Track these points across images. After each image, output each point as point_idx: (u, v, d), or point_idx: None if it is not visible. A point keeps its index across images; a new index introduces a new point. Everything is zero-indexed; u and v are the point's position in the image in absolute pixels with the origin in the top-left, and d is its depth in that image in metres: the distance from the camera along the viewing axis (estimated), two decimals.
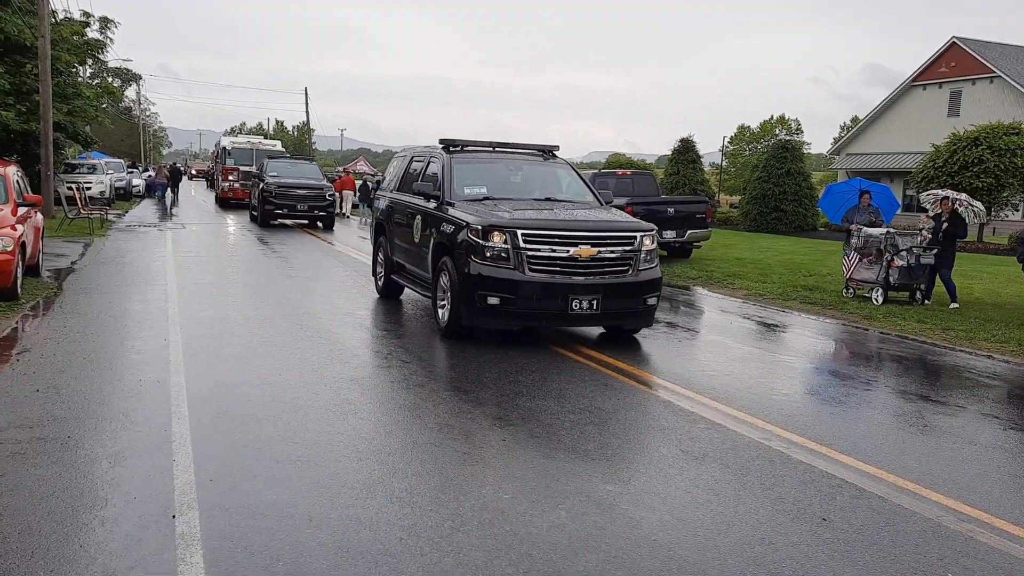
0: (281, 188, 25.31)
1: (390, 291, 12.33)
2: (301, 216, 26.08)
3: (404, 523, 4.53)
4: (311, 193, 25.87)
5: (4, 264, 10.29)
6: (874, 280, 13.85)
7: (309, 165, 29.98)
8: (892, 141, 44.88)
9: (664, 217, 18.80)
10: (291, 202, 25.46)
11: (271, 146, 37.14)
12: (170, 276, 13.69)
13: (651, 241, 9.46)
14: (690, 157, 38.63)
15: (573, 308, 8.87)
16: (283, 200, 25.29)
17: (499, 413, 6.73)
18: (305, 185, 26.05)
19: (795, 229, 33.04)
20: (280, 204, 25.31)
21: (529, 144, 11.63)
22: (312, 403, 6.75)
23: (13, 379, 7.13)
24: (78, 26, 29.15)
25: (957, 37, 41.84)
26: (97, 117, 31.22)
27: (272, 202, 25.21)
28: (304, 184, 26.10)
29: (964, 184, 25.92)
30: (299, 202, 25.57)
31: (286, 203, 25.38)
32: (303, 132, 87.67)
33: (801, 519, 4.85)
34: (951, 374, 9.30)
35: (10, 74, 22.86)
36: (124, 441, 5.68)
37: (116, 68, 46.39)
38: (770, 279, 16.63)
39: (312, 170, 28.83)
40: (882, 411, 7.55)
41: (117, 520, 4.43)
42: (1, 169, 12.43)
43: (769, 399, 7.57)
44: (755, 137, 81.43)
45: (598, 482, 5.27)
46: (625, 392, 7.58)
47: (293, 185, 25.69)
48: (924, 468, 5.87)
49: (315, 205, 25.85)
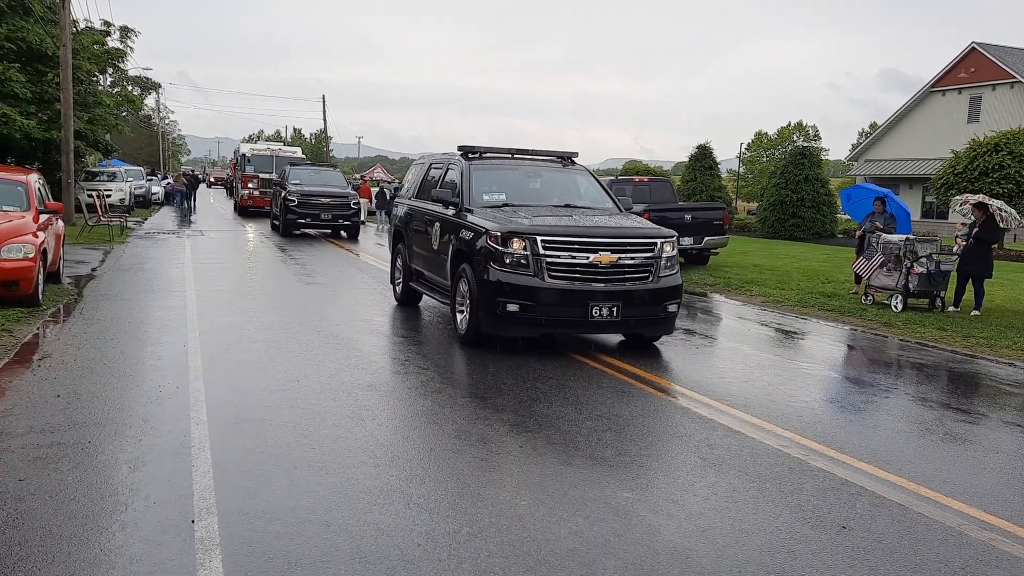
0: (304, 196, 24.64)
1: (408, 298, 12.35)
2: (325, 225, 25.35)
3: (422, 529, 4.53)
4: (335, 201, 25.17)
5: (25, 271, 10.39)
6: (893, 287, 13.76)
7: (333, 172, 29.38)
8: (911, 147, 44.63)
9: (681, 224, 18.74)
10: (315, 211, 24.72)
11: (291, 153, 36.55)
12: (189, 283, 13.78)
13: (671, 247, 9.43)
14: (707, 164, 38.56)
15: (593, 315, 8.83)
16: (306, 209, 24.57)
17: (517, 419, 6.72)
18: (329, 193, 25.40)
19: (813, 236, 32.89)
20: (303, 213, 24.57)
21: (548, 151, 11.62)
22: (330, 409, 6.77)
23: (34, 384, 7.19)
24: (99, 35, 29.49)
25: (976, 42, 41.57)
26: (117, 125, 31.53)
27: (295, 211, 24.51)
28: (328, 192, 25.47)
29: (984, 190, 25.73)
30: (323, 211, 24.86)
31: (309, 212, 24.64)
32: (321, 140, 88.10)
33: (821, 527, 4.82)
34: (972, 382, 9.21)
35: (32, 83, 23.16)
36: (144, 446, 5.71)
37: (136, 77, 46.85)
38: (788, 286, 16.55)
39: (336, 177, 28.33)
40: (902, 419, 7.49)
41: (137, 524, 4.46)
42: (23, 177, 12.56)
43: (787, 406, 7.53)
44: (772, 143, 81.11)
45: (616, 489, 5.25)
46: (643, 399, 7.56)
47: (317, 193, 25.04)
48: (945, 476, 5.81)
49: (340, 214, 25.13)
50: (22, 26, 22.64)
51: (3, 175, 12.57)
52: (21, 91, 21.99)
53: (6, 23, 22.28)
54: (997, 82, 40.43)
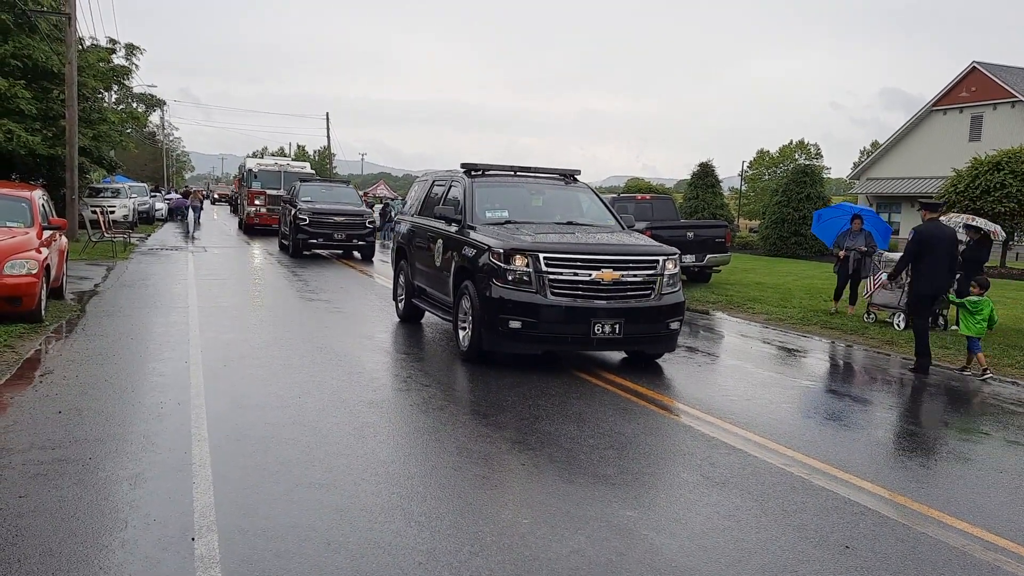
0: (316, 215, 23.22)
1: (411, 315, 12.35)
2: (338, 245, 23.78)
3: (423, 547, 4.51)
4: (350, 220, 23.71)
5: (29, 287, 10.40)
6: (895, 305, 13.74)
7: (346, 189, 27.58)
8: (913, 166, 44.67)
9: (683, 241, 18.76)
10: (327, 230, 23.24)
11: (300, 168, 35.01)
12: (191, 299, 13.79)
13: (674, 265, 9.43)
14: (709, 182, 38.60)
15: (595, 332, 8.83)
16: (318, 228, 23.14)
17: (519, 437, 6.70)
18: (342, 211, 23.90)
19: (815, 254, 32.87)
20: (314, 232, 23.12)
21: (550, 168, 11.66)
22: (331, 426, 6.76)
23: (36, 401, 7.18)
24: (104, 52, 29.63)
25: (977, 62, 41.69)
26: (122, 142, 31.63)
27: (306, 230, 23.06)
28: (342, 210, 23.95)
29: (986, 209, 25.73)
30: (336, 230, 23.35)
31: (321, 231, 23.18)
32: (324, 156, 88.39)
33: (824, 546, 4.79)
34: (975, 401, 9.18)
35: (37, 100, 23.25)
36: (144, 463, 5.70)
37: (141, 94, 47.04)
38: (790, 304, 16.53)
39: (349, 194, 26.66)
40: (905, 437, 7.47)
41: (137, 542, 4.44)
42: (27, 193, 12.60)
43: (790, 424, 7.51)
44: (774, 161, 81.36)
45: (618, 507, 5.23)
46: (645, 417, 7.54)
47: (329, 211, 23.57)
48: (949, 496, 5.79)
49: (354, 233, 23.57)
50: (28, 43, 22.76)
51: (7, 191, 12.63)
52: (27, 108, 22.08)
53: (13, 40, 22.41)
54: (998, 101, 40.50)
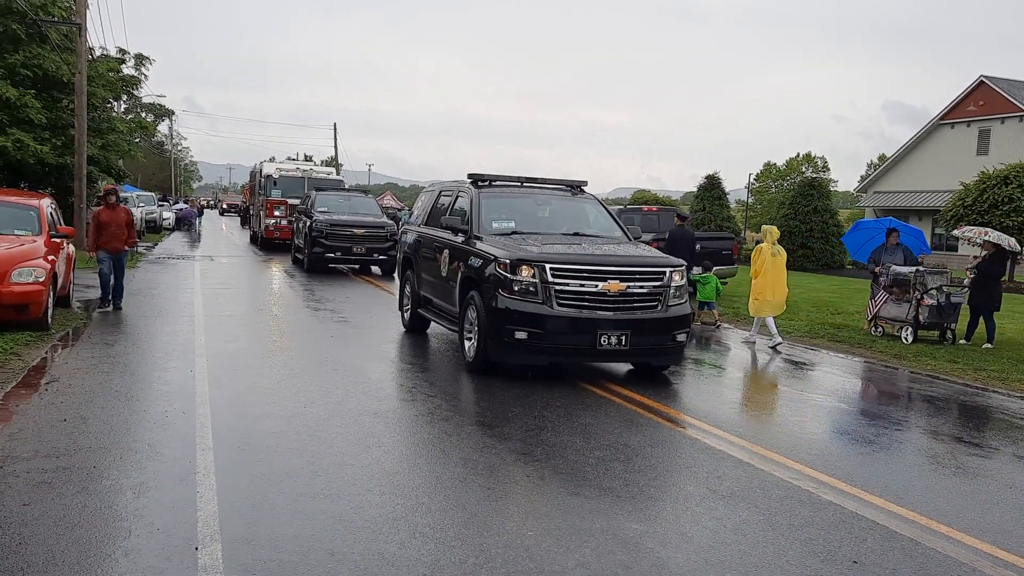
0: (334, 227, 21.66)
1: (416, 325, 12.34)
2: (357, 260, 22.26)
3: (427, 559, 4.48)
4: (370, 232, 22.04)
5: (36, 295, 10.42)
6: (903, 318, 13.69)
7: (365, 199, 25.61)
8: (920, 179, 44.61)
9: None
10: (346, 243, 21.63)
11: (326, 174, 31.94)
12: (198, 308, 13.80)
13: (680, 277, 9.40)
14: (716, 194, 38.64)
15: (601, 344, 8.80)
16: (336, 241, 21.56)
17: (524, 448, 6.67)
18: (362, 223, 22.26)
19: (822, 267, 32.84)
20: (332, 246, 21.53)
21: (557, 179, 11.67)
22: (336, 436, 6.73)
23: (41, 408, 7.18)
24: (114, 62, 29.81)
25: (985, 76, 41.66)
26: (130, 151, 31.75)
27: (323, 243, 21.48)
28: (361, 222, 22.29)
29: (994, 223, 25.69)
30: (355, 243, 21.74)
31: (340, 244, 21.58)
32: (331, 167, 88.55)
33: (832, 561, 4.74)
34: (984, 415, 9.12)
35: (47, 109, 23.39)
36: (149, 472, 5.69)
37: (150, 103, 47.26)
38: (797, 316, 16.47)
39: (369, 204, 24.79)
40: (913, 452, 7.42)
41: (140, 551, 4.42)
42: (36, 202, 12.65)
43: (797, 438, 7.46)
44: (781, 174, 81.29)
45: (624, 520, 5.20)
46: (651, 429, 7.50)
47: (348, 223, 22.00)
48: (958, 511, 5.74)
49: (374, 247, 21.95)
50: (39, 53, 22.93)
51: (16, 200, 12.68)
52: (36, 117, 22.21)
53: (23, 50, 22.56)
54: (1006, 115, 40.45)
